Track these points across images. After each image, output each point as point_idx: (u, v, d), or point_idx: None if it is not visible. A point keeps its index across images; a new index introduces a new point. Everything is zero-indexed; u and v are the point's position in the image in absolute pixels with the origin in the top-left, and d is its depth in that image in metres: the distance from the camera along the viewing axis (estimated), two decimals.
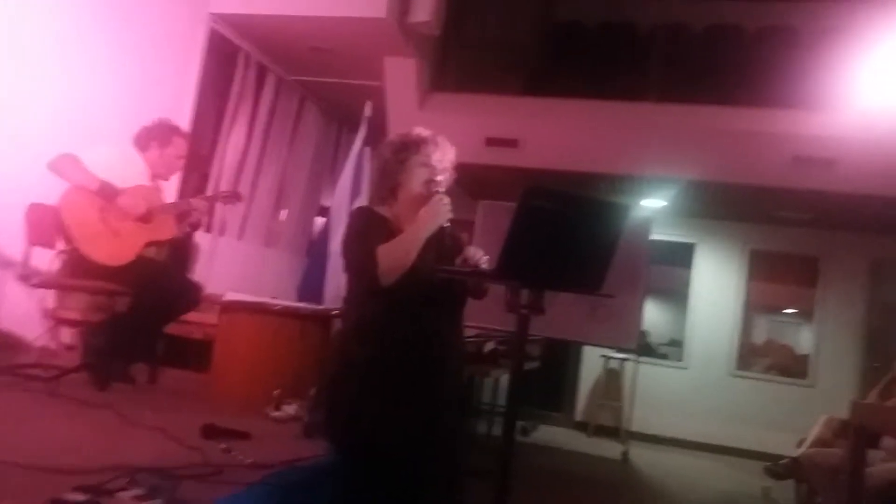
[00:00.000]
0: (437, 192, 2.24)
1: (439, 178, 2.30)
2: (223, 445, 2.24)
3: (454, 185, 2.39)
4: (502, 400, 6.41)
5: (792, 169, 5.81)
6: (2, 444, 1.95)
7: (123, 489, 1.56)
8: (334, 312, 3.84)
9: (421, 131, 2.37)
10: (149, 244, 3.46)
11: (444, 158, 2.34)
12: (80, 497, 1.40)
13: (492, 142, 6.17)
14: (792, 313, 9.13)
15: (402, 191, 2.33)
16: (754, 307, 8.63)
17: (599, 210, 2.13)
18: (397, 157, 2.33)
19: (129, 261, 3.31)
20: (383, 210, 2.35)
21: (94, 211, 3.29)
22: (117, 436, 2.35)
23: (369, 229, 2.24)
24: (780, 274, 8.67)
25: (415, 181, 2.31)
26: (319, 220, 7.33)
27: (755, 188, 6.52)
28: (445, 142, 2.38)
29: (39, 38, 4.00)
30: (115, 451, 2.05)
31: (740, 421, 7.91)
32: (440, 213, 2.18)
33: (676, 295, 8.79)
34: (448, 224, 2.21)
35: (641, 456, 7.01)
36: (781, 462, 5.09)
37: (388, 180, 2.34)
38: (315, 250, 5.11)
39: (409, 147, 2.33)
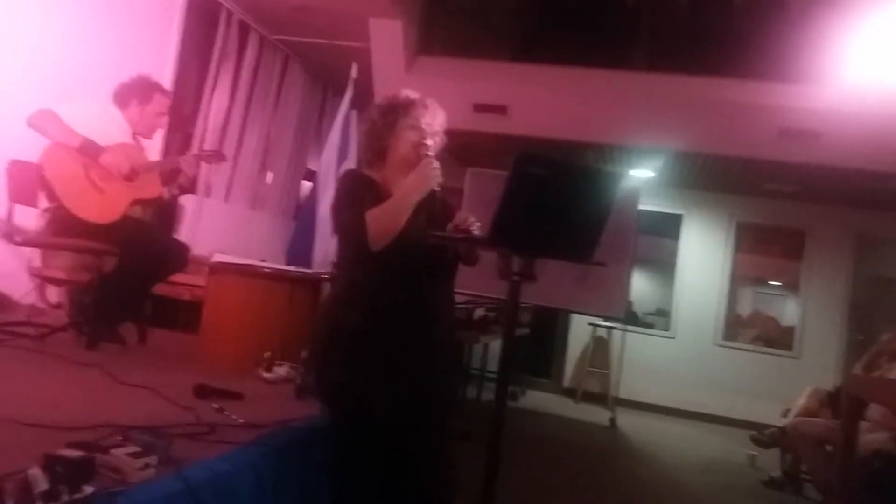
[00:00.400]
0: (427, 155, 2.20)
1: (429, 141, 2.26)
2: (216, 405, 2.24)
3: (443, 151, 2.37)
4: (491, 365, 6.49)
5: (779, 141, 5.83)
6: None
7: (117, 446, 1.55)
8: (323, 276, 3.84)
9: (410, 93, 2.32)
10: (134, 203, 3.41)
11: (433, 122, 2.31)
12: (74, 453, 1.39)
13: (480, 108, 6.12)
14: (777, 285, 9.23)
15: (390, 154, 2.30)
16: (740, 279, 8.73)
17: (592, 178, 2.13)
18: (386, 120, 2.29)
19: (115, 219, 3.26)
20: (372, 173, 2.32)
21: (78, 168, 3.23)
22: (108, 394, 2.34)
23: (359, 193, 2.20)
24: (767, 246, 8.75)
25: (403, 144, 2.27)
26: (306, 184, 7.28)
27: (742, 160, 6.55)
28: (435, 104, 2.33)
29: None
30: (106, 409, 2.04)
31: (726, 390, 8.06)
32: (430, 176, 2.14)
33: (664, 265, 8.87)
34: (439, 189, 2.18)
35: (628, 422, 7.14)
36: (767, 431, 5.21)
37: (377, 143, 2.31)
38: (303, 214, 5.08)
39: (398, 109, 2.28)
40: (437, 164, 2.18)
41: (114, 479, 1.44)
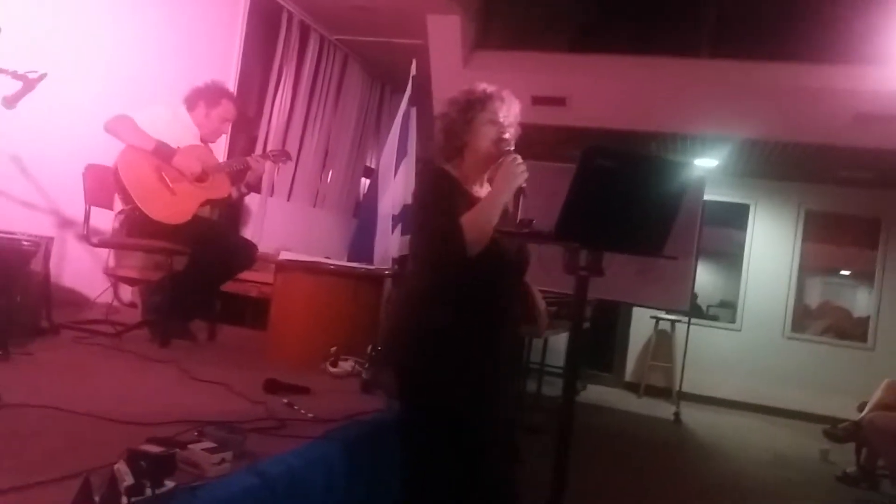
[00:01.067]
0: (509, 151, 2.18)
1: (507, 135, 2.24)
2: (285, 400, 2.28)
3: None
4: (551, 360, 6.44)
5: (853, 126, 5.60)
6: (74, 396, 2.01)
7: (195, 442, 1.60)
8: (386, 272, 3.88)
9: (486, 87, 2.29)
10: (205, 203, 3.51)
11: (510, 114, 2.27)
12: (157, 449, 1.43)
13: (538, 100, 6.05)
14: (848, 275, 8.89)
15: (468, 151, 2.27)
16: (809, 269, 8.44)
17: (662, 169, 2.08)
18: (464, 117, 2.25)
19: (186, 220, 3.37)
20: (450, 168, 2.30)
21: (151, 170, 3.34)
22: (183, 390, 2.41)
23: (448, 195, 2.18)
24: (837, 235, 8.43)
25: (483, 140, 2.24)
26: (365, 182, 7.35)
27: (813, 147, 6.32)
28: (511, 96, 2.30)
29: (90, 3, 4.03)
30: (181, 404, 2.11)
31: (795, 383, 7.80)
32: (517, 174, 2.12)
33: (729, 256, 8.64)
34: (525, 185, 2.13)
35: (694, 417, 6.99)
36: (841, 425, 5.03)
37: (455, 140, 2.27)
38: (363, 212, 5.12)
39: (475, 105, 2.25)
40: (521, 160, 2.15)
41: (192, 474, 1.48)
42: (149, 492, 1.28)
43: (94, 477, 1.28)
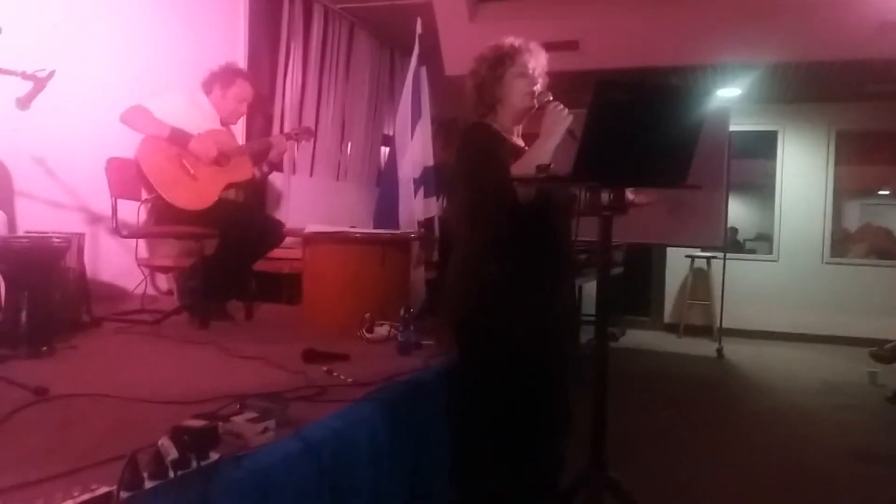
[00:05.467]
0: (548, 99, 2.22)
1: (538, 86, 2.28)
2: (325, 368, 2.31)
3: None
4: (587, 308, 6.42)
5: (878, 37, 5.37)
6: (119, 383, 2.06)
7: (237, 414, 1.63)
8: (412, 235, 3.88)
9: (513, 40, 2.33)
10: (228, 186, 3.54)
11: (538, 65, 2.33)
12: (199, 423, 1.47)
13: (550, 46, 5.87)
14: (886, 195, 8.67)
15: (501, 106, 2.33)
16: (845, 192, 8.26)
17: (676, 98, 2.04)
18: (494, 73, 2.31)
19: (210, 204, 3.40)
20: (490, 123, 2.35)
21: (171, 158, 3.37)
22: (224, 368, 2.46)
23: (495, 150, 2.25)
24: (871, 154, 8.22)
25: (515, 94, 2.30)
26: (384, 150, 7.32)
27: (839, 63, 6.11)
28: (538, 47, 2.36)
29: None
30: (223, 381, 2.14)
31: (839, 309, 7.70)
32: (562, 119, 2.15)
33: (761, 188, 8.48)
34: (572, 129, 2.15)
35: (736, 351, 6.94)
36: (888, 345, 4.95)
37: (487, 97, 2.33)
38: (385, 179, 5.11)
39: (505, 60, 2.30)
40: (562, 106, 2.18)
41: (237, 445, 1.51)
42: (194, 464, 1.31)
43: (140, 455, 1.31)
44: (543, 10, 6.05)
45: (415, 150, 4.60)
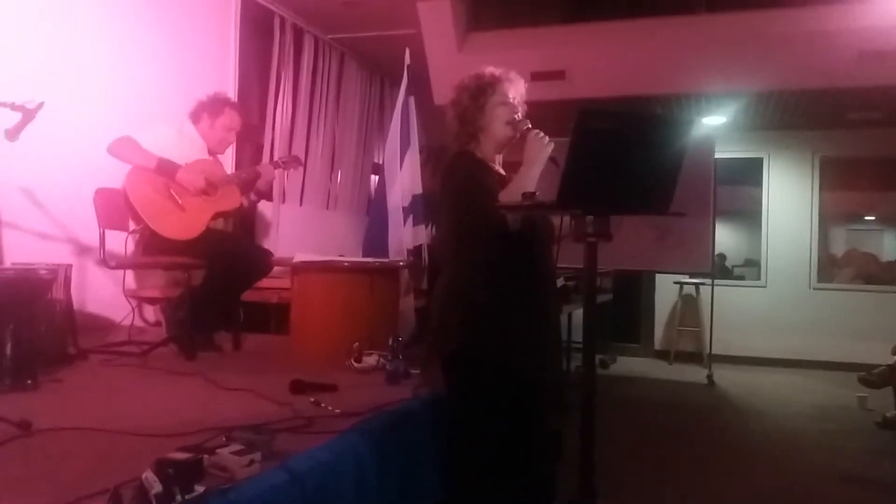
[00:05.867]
0: (529, 128, 2.26)
1: (518, 114, 2.32)
2: (312, 399, 2.29)
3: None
4: (576, 335, 6.42)
5: (859, 66, 5.49)
6: (104, 416, 2.05)
7: (223, 446, 1.62)
8: (401, 264, 3.89)
9: (493, 70, 2.37)
10: (216, 216, 3.53)
11: (518, 93, 2.37)
12: (183, 455, 1.45)
13: (537, 76, 5.96)
14: (872, 220, 8.76)
15: (483, 134, 2.36)
16: (830, 217, 8.33)
17: (659, 126, 2.07)
18: (476, 103, 2.34)
19: (198, 234, 3.39)
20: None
21: (158, 189, 3.36)
22: (210, 399, 2.44)
23: (482, 176, 2.29)
24: (855, 180, 8.32)
25: (497, 123, 2.34)
26: (374, 178, 7.36)
27: (821, 92, 6.21)
28: (517, 76, 2.40)
29: (84, 29, 4.07)
30: (210, 413, 2.13)
31: (826, 334, 7.73)
32: (543, 147, 2.20)
33: (748, 214, 8.55)
34: (554, 157, 2.19)
35: (727, 377, 6.95)
36: (876, 370, 4.95)
37: (469, 126, 2.36)
38: (374, 207, 5.14)
39: (486, 89, 2.34)
40: (542, 133, 2.22)
41: (223, 478, 1.50)
42: (179, 498, 1.30)
43: (124, 489, 1.30)
44: (531, 40, 6.15)
45: (404, 178, 4.64)
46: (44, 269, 2.71)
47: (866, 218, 8.84)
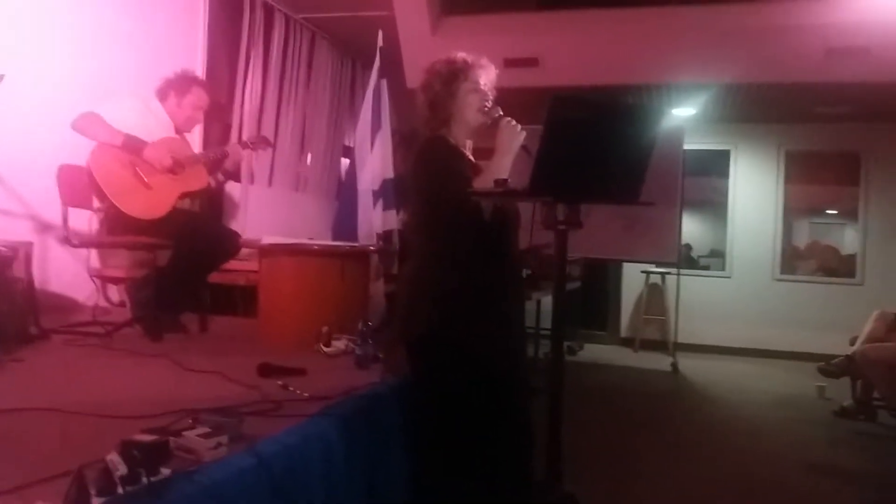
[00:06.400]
0: (501, 115, 2.27)
1: (489, 101, 2.33)
2: (280, 382, 2.29)
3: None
4: (544, 322, 6.47)
5: (826, 61, 5.58)
6: (68, 397, 2.01)
7: (189, 428, 1.60)
8: (371, 248, 3.87)
9: (465, 56, 2.37)
10: (182, 195, 3.48)
11: (489, 80, 2.37)
12: (149, 437, 1.43)
13: (510, 63, 5.97)
14: (834, 214, 8.95)
15: (454, 120, 2.36)
16: (794, 210, 8.50)
17: (630, 115, 2.09)
18: (448, 89, 2.34)
19: (164, 213, 3.33)
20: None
21: (123, 166, 3.30)
22: (177, 382, 2.41)
23: (456, 161, 2.29)
24: (819, 174, 8.48)
25: (468, 109, 2.34)
26: (345, 162, 7.30)
27: (788, 86, 6.30)
28: (488, 62, 2.40)
29: (47, 2, 3.95)
30: (176, 396, 2.10)
31: (788, 324, 7.90)
32: (516, 136, 2.21)
33: (714, 205, 8.67)
34: (526, 143, 2.20)
35: (691, 366, 7.06)
36: (834, 361, 5.08)
37: (441, 112, 2.36)
38: (345, 191, 5.11)
39: (458, 75, 2.34)
40: (514, 121, 2.23)
41: (189, 460, 1.48)
42: (144, 480, 1.29)
43: (88, 471, 1.28)
44: (505, 26, 6.13)
45: (374, 162, 4.61)
46: (3, 247, 2.65)
47: (829, 211, 9.02)
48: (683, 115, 7.58)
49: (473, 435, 2.28)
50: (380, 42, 4.83)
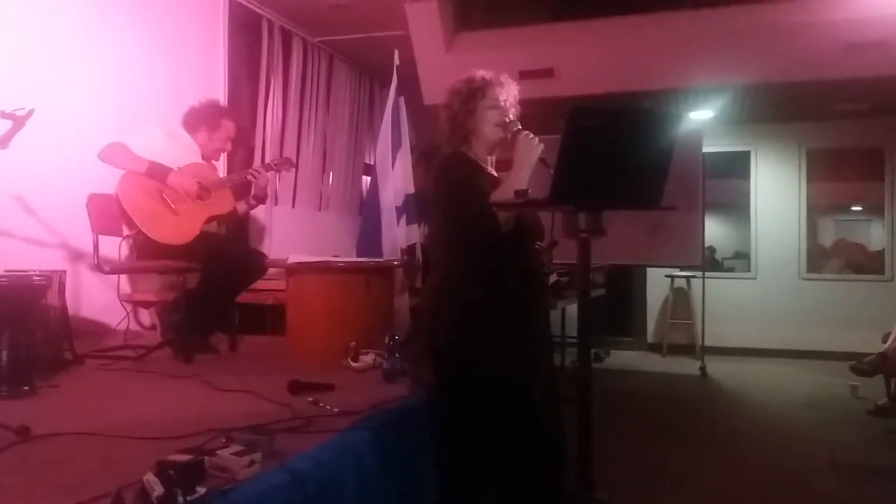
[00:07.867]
0: (519, 129, 2.28)
1: (509, 117, 2.34)
2: (310, 398, 2.31)
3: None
4: (570, 330, 6.45)
5: (844, 57, 5.53)
6: (103, 420, 2.06)
7: (223, 447, 1.63)
8: (396, 263, 3.90)
9: (484, 74, 2.40)
10: (210, 219, 3.54)
11: (509, 96, 2.39)
12: (184, 457, 1.47)
13: (525, 74, 5.99)
14: (859, 210, 8.83)
15: (474, 137, 2.39)
16: (818, 209, 8.39)
17: (648, 121, 2.10)
18: (466, 107, 2.37)
19: (192, 238, 3.40)
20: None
21: (151, 194, 3.37)
22: (209, 402, 2.45)
23: (475, 176, 2.32)
24: (842, 171, 8.37)
25: (487, 126, 2.37)
26: (366, 179, 7.37)
27: (807, 84, 6.24)
28: (508, 79, 2.42)
29: (71, 34, 4.06)
30: (209, 415, 2.14)
31: (817, 323, 7.78)
32: (533, 148, 2.22)
33: (737, 207, 8.59)
34: (543, 157, 2.22)
35: (720, 369, 6.99)
36: (867, 359, 4.99)
37: (460, 129, 2.39)
38: (367, 208, 5.15)
39: (476, 94, 2.36)
40: (532, 134, 2.25)
41: (223, 479, 1.51)
42: (180, 499, 1.31)
43: (125, 492, 1.31)
44: (519, 39, 6.16)
45: (396, 178, 4.65)
46: (37, 276, 2.72)
47: (853, 208, 8.90)
48: (701, 119, 7.55)
49: (501, 446, 2.28)
50: (396, 61, 4.88)
